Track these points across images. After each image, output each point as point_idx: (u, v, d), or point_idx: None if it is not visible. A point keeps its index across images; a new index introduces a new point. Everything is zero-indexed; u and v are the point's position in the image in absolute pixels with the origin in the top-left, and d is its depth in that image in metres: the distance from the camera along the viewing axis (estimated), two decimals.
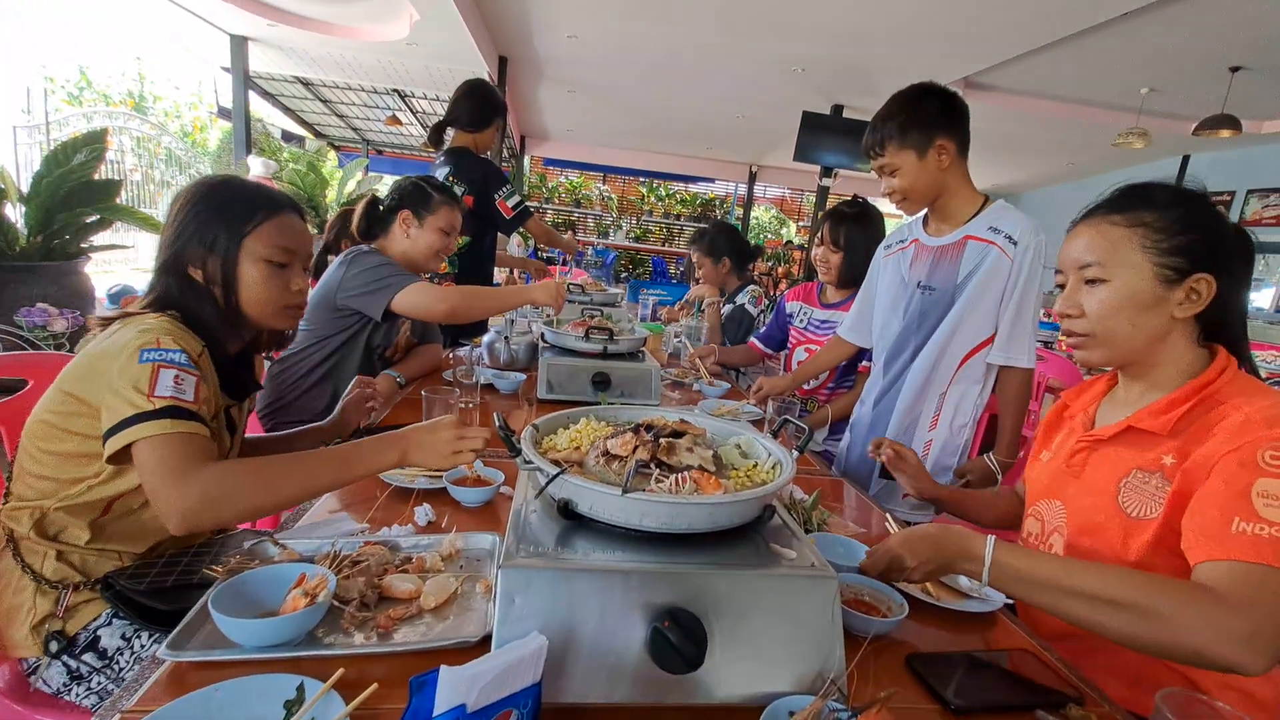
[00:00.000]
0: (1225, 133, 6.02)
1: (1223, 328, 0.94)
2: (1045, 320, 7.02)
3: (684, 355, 2.48)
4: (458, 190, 2.62)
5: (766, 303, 2.90)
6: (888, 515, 1.15)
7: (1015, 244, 1.51)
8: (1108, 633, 0.75)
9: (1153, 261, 0.89)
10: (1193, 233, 0.89)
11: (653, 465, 0.75)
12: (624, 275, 11.52)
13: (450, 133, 2.74)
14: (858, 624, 0.80)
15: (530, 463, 0.74)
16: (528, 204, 2.75)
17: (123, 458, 0.88)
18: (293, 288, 1.12)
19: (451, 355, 1.71)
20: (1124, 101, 6.81)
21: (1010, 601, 0.93)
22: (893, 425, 1.68)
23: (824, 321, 2.32)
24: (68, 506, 0.97)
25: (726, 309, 2.92)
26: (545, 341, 1.92)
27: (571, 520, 0.72)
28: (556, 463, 0.77)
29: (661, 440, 0.79)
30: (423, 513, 1.02)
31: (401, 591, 0.78)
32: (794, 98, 7.52)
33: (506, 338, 2.05)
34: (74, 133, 8.64)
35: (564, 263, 7.59)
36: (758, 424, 1.74)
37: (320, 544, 0.88)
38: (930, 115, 1.51)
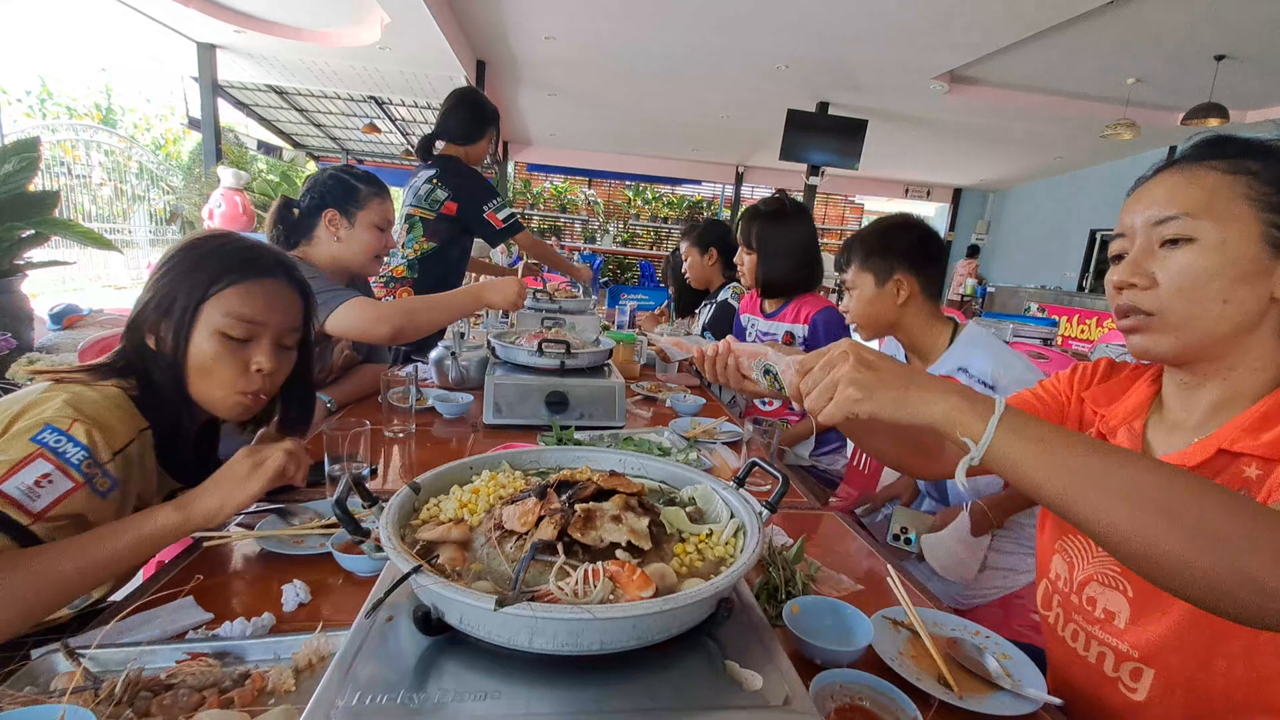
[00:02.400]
0: (1214, 121, 5.94)
1: None
2: (1039, 316, 6.87)
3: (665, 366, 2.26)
4: (441, 195, 2.43)
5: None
6: (889, 569, 0.93)
7: (993, 389, 1.34)
8: (1147, 551, 0.52)
9: (1261, 218, 0.66)
10: None
11: (560, 548, 0.53)
12: (604, 280, 11.30)
13: (440, 144, 2.56)
14: None
15: (380, 550, 0.52)
16: (519, 220, 2.59)
17: None
18: (252, 368, 0.93)
19: (389, 374, 1.49)
20: (1110, 93, 6.73)
21: (1058, 702, 0.71)
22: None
23: (765, 333, 2.15)
24: None
25: (708, 310, 2.70)
26: (495, 357, 1.70)
27: (442, 633, 0.50)
28: (427, 548, 0.55)
29: (577, 507, 0.56)
30: (292, 593, 0.79)
31: None
32: (779, 96, 7.38)
33: (454, 353, 1.82)
34: None
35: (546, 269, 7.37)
36: (734, 445, 1.53)
37: (132, 654, 0.65)
38: (898, 247, 1.46)
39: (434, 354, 1.87)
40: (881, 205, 17.22)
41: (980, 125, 8.26)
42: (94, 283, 9.85)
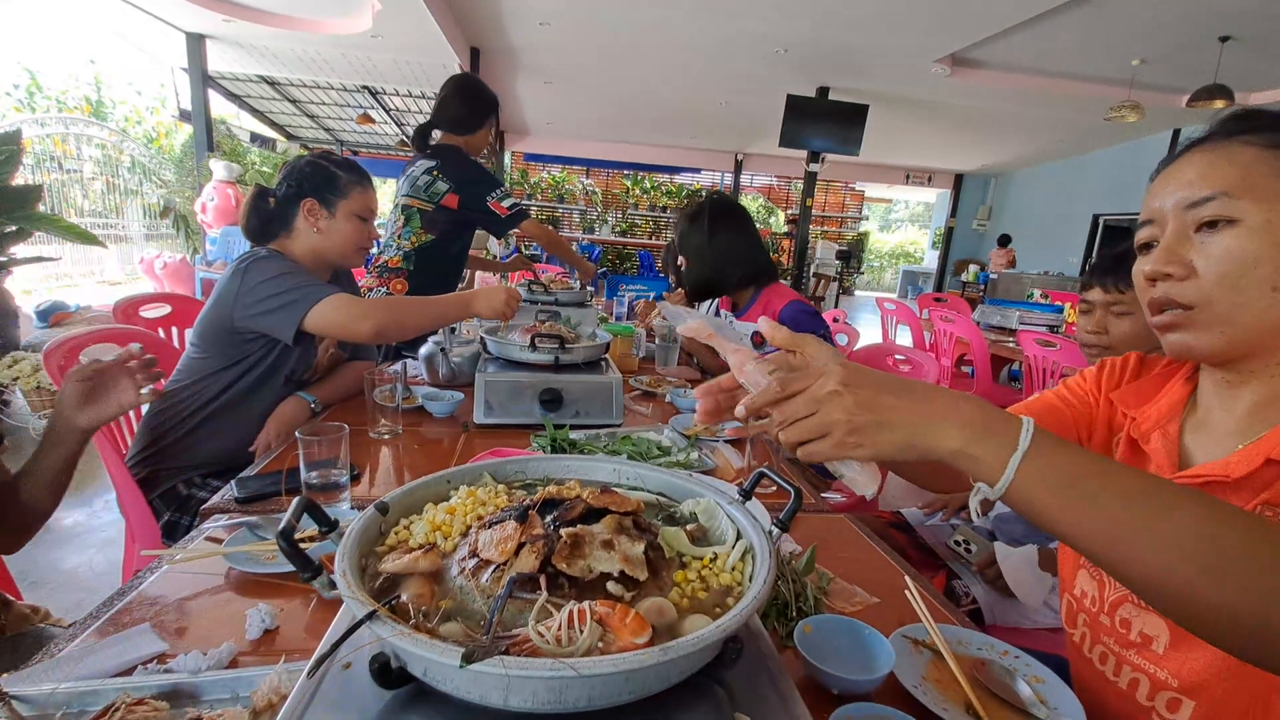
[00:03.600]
0: (1219, 103, 5.85)
1: None
2: (1043, 303, 6.79)
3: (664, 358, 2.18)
4: (442, 187, 2.33)
5: None
6: (907, 580, 0.86)
7: None
8: (1203, 610, 0.45)
9: None
10: None
11: (543, 581, 0.46)
12: (603, 271, 11.19)
13: (437, 134, 2.45)
14: None
15: (334, 588, 0.45)
16: (523, 208, 2.49)
17: None
18: None
19: (376, 372, 1.42)
20: (1115, 74, 6.62)
21: None
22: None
23: (740, 334, 2.05)
24: None
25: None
26: (487, 353, 1.63)
27: (404, 686, 0.43)
28: (391, 582, 0.48)
29: (562, 532, 0.49)
30: (257, 617, 0.72)
31: None
32: (778, 81, 7.26)
33: (444, 349, 1.75)
34: (25, 140, 8.26)
35: (546, 260, 7.28)
36: (738, 444, 1.46)
37: (74, 694, 0.58)
38: None
39: (424, 350, 1.80)
40: (882, 192, 17.06)
41: (983, 109, 8.14)
42: (88, 278, 9.76)
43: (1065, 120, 8.47)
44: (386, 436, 1.39)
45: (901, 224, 22.39)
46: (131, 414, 1.66)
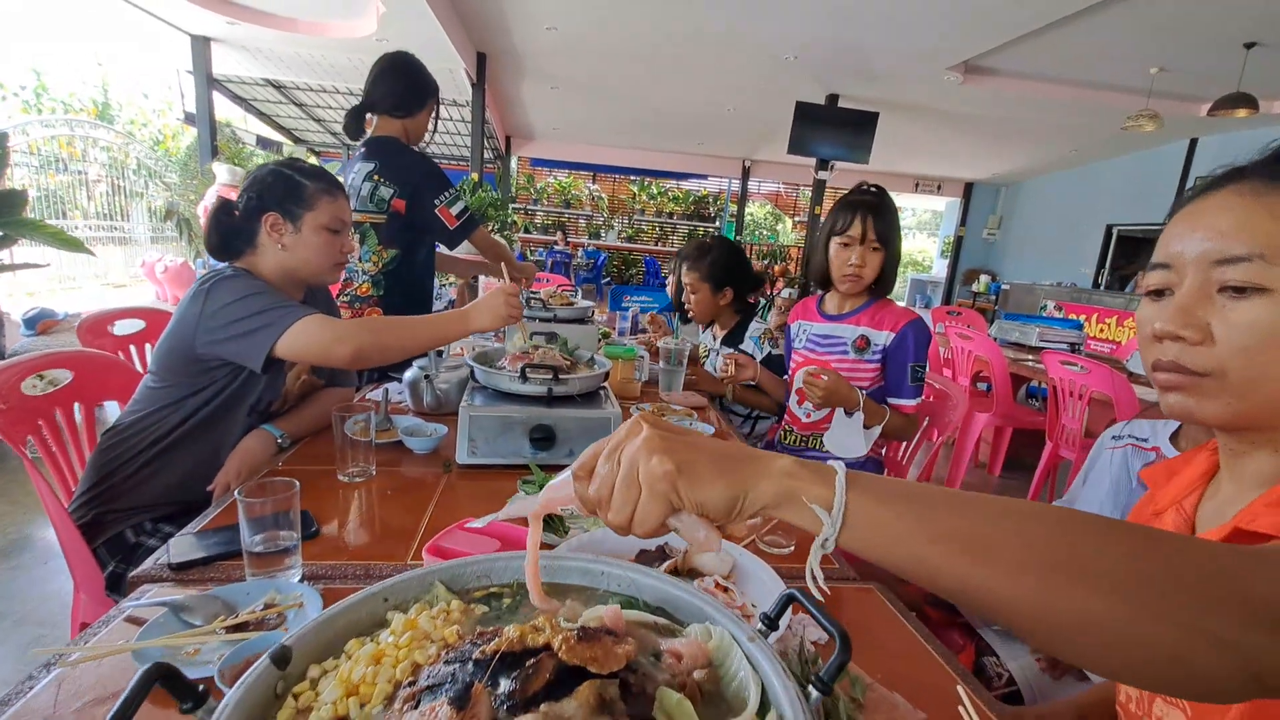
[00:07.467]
0: (1242, 112, 5.65)
1: None
2: (1060, 317, 6.60)
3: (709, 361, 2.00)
4: (386, 193, 2.09)
5: (779, 335, 2.43)
6: (960, 693, 0.71)
7: None
8: (1066, 621, 0.38)
9: None
10: None
11: None
12: (606, 280, 11.07)
13: (373, 120, 2.18)
14: None
15: None
16: (474, 213, 2.22)
17: None
18: None
19: (347, 407, 1.27)
20: (1132, 82, 6.47)
21: None
22: None
23: (825, 336, 1.88)
24: None
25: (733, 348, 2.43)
26: (475, 381, 1.48)
27: None
28: None
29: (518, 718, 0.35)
30: None
31: None
32: (787, 87, 7.14)
33: (428, 376, 1.61)
34: (31, 143, 8.21)
35: (550, 268, 7.14)
36: None
37: None
38: None
39: (408, 375, 1.66)
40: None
41: (995, 117, 7.98)
42: (93, 281, 9.71)
43: (1079, 129, 8.31)
44: (359, 480, 1.25)
45: (910, 232, 22.20)
46: (87, 449, 1.51)
